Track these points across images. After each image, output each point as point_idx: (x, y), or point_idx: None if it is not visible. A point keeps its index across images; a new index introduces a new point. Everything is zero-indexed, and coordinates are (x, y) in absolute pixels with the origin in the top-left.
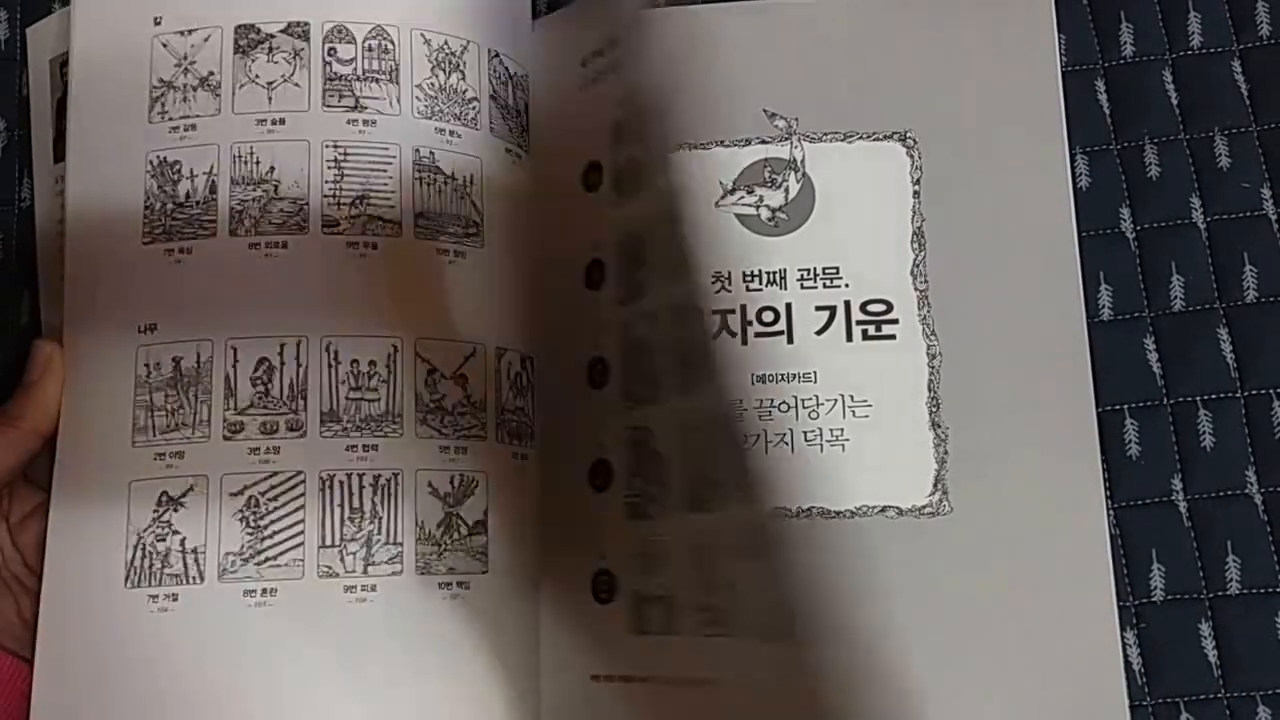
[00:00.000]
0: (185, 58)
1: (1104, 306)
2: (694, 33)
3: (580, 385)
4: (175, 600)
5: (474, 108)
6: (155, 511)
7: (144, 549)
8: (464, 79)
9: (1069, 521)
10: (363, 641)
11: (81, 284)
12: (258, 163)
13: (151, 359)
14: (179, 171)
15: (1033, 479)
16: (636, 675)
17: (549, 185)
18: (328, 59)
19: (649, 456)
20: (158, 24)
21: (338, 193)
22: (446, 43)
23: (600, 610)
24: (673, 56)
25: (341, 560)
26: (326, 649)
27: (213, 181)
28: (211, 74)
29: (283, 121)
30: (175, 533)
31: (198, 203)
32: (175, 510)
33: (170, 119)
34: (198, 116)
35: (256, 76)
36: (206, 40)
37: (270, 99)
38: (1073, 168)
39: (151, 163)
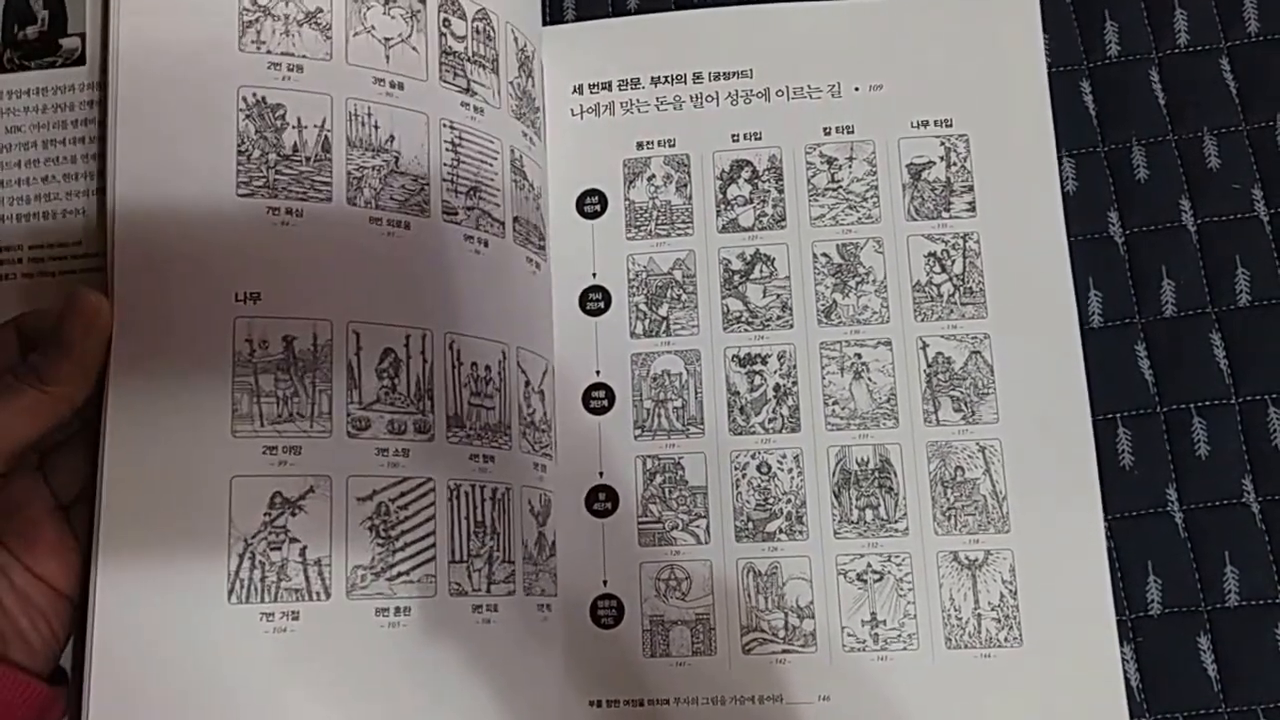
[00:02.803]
0: None
1: (1094, 313)
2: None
3: (575, 410)
4: (296, 619)
5: (539, 117)
6: (267, 515)
7: (254, 558)
8: (534, 85)
9: (1065, 534)
10: (485, 666)
11: (148, 238)
12: (376, 127)
13: (255, 334)
14: (283, 117)
15: (1027, 489)
16: (650, 699)
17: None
18: (443, 30)
19: (670, 484)
20: None
21: (455, 179)
22: (526, 45)
23: (604, 635)
24: None
25: (469, 577)
26: (454, 674)
27: (325, 137)
28: (320, 10)
29: (401, 87)
30: (293, 540)
31: (308, 159)
32: (292, 514)
33: (269, 52)
34: (304, 57)
35: (372, 28)
36: None
37: (388, 58)
38: (1059, 171)
39: (245, 100)
